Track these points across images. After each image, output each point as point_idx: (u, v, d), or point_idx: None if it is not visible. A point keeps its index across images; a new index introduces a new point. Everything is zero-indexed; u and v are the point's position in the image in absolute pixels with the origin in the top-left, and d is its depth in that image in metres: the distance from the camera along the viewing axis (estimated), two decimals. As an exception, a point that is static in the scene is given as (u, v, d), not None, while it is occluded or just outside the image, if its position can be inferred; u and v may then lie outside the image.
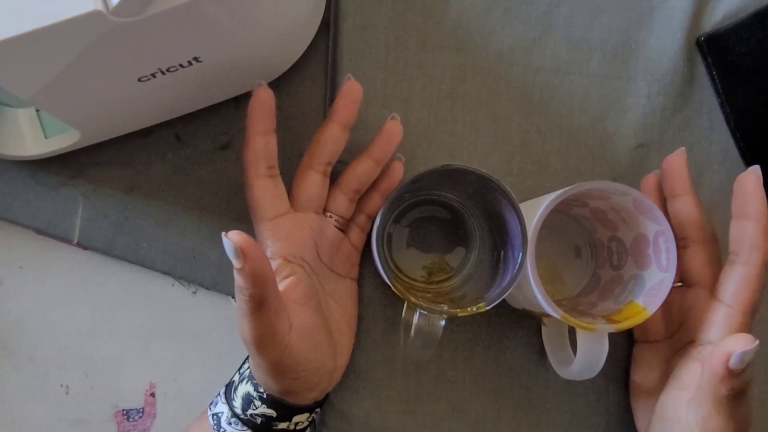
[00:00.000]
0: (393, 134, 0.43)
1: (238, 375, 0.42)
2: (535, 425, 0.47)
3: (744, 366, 0.34)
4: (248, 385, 0.40)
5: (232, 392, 0.41)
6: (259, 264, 0.33)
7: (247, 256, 0.33)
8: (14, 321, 0.48)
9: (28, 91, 0.36)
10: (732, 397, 0.35)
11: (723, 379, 0.35)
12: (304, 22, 0.45)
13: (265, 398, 0.40)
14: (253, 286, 0.34)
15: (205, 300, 0.48)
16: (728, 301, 0.40)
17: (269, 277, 0.34)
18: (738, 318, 0.39)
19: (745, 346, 0.34)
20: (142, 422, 0.48)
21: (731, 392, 0.35)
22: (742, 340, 0.34)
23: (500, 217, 0.41)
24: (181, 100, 0.44)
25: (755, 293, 0.39)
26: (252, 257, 0.33)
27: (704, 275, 0.42)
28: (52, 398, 0.48)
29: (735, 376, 0.34)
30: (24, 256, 0.48)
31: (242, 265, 0.33)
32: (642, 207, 0.40)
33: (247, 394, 0.40)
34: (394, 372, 0.47)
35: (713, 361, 0.35)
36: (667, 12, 0.48)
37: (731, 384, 0.35)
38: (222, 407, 0.41)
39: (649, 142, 0.48)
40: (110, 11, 0.32)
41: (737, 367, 0.34)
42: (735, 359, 0.34)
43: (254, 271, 0.33)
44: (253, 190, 0.40)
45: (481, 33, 0.48)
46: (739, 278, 0.39)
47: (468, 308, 0.39)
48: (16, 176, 0.47)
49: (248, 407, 0.40)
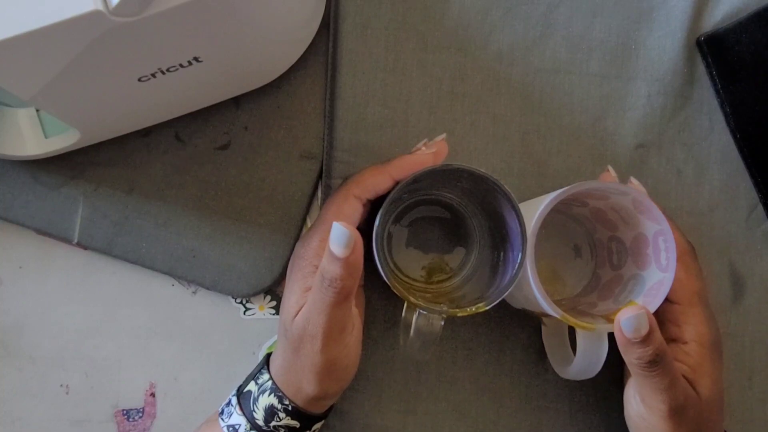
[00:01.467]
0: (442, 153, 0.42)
1: (256, 386, 0.41)
2: (535, 425, 0.47)
3: (639, 333, 0.35)
4: (272, 397, 0.40)
5: (251, 403, 0.41)
6: (361, 256, 0.35)
7: (356, 246, 0.34)
8: (14, 321, 0.48)
9: (28, 91, 0.36)
10: (645, 365, 0.36)
11: (626, 348, 0.36)
12: (304, 22, 0.45)
13: (290, 410, 0.40)
14: (350, 277, 0.35)
15: (205, 300, 0.48)
16: (674, 299, 0.41)
17: (361, 271, 0.35)
18: (688, 312, 0.41)
19: (630, 312, 0.35)
20: (142, 422, 0.48)
21: (640, 361, 0.36)
22: (629, 308, 0.36)
23: (500, 217, 0.41)
24: (181, 100, 0.44)
25: (690, 284, 0.41)
26: (358, 248, 0.34)
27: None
28: (52, 398, 0.48)
29: (637, 345, 0.36)
30: (24, 256, 0.48)
31: (348, 254, 0.34)
32: (641, 207, 0.40)
33: (270, 406, 0.40)
34: (394, 372, 0.47)
35: (615, 333, 0.36)
36: (667, 12, 0.48)
37: (636, 353, 0.36)
38: (238, 419, 0.40)
39: (649, 142, 0.48)
40: (110, 11, 0.32)
41: (632, 335, 0.35)
42: (625, 326, 0.35)
43: (356, 262, 0.34)
44: (344, 204, 0.40)
45: (481, 33, 0.48)
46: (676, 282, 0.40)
47: (468, 308, 0.39)
48: (16, 176, 0.47)
49: (272, 419, 0.40)
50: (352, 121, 0.47)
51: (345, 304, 0.36)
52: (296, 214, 0.48)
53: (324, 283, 0.36)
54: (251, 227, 0.47)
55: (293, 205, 0.47)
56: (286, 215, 0.47)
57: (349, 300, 0.36)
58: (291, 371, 0.40)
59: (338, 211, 0.40)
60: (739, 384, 0.47)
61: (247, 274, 0.47)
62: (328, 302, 0.36)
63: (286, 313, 0.40)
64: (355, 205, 0.41)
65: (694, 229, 0.47)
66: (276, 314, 0.49)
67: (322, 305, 0.36)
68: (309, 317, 0.37)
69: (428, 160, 0.40)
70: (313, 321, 0.37)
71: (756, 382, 0.48)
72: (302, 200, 0.48)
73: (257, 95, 0.47)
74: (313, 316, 0.37)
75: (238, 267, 0.47)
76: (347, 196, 0.41)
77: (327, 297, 0.36)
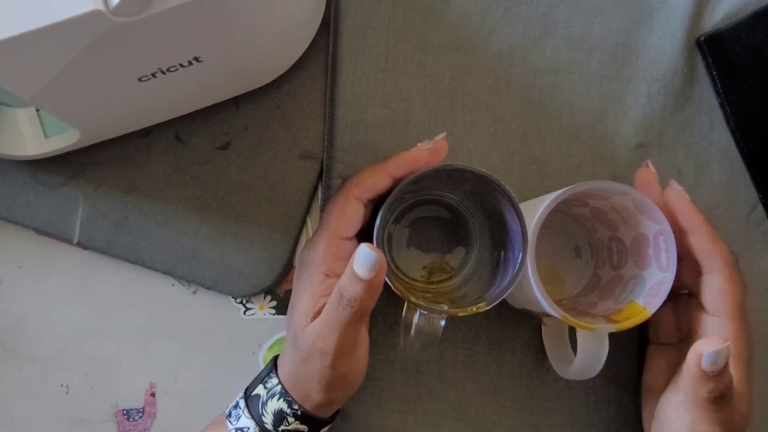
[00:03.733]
0: (440, 151, 0.42)
1: (264, 390, 0.41)
2: (535, 425, 0.47)
3: (717, 367, 0.34)
4: (281, 401, 0.40)
5: (260, 407, 0.40)
6: (383, 279, 0.35)
7: (381, 270, 0.34)
8: (14, 321, 0.48)
9: (28, 91, 0.36)
10: (713, 399, 0.35)
11: (700, 382, 0.35)
12: (304, 22, 0.45)
13: (299, 415, 0.40)
14: (370, 298, 0.35)
15: (205, 300, 0.48)
16: (713, 312, 0.40)
17: (380, 292, 0.36)
18: (728, 326, 0.39)
19: (714, 347, 0.34)
20: (142, 422, 0.48)
21: (710, 395, 0.35)
22: (712, 341, 0.34)
23: (500, 216, 0.41)
24: (181, 100, 0.44)
25: (733, 296, 0.39)
26: (383, 271, 0.34)
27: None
28: (52, 398, 0.48)
29: (711, 379, 0.34)
30: (24, 256, 0.48)
31: (372, 277, 0.34)
32: (642, 207, 0.40)
33: (279, 411, 0.40)
34: (394, 372, 0.47)
35: (688, 363, 0.35)
36: (667, 12, 0.48)
37: (709, 387, 0.35)
38: (247, 422, 0.40)
39: (649, 141, 0.48)
40: (110, 11, 0.32)
41: (710, 368, 0.34)
42: (706, 360, 0.34)
43: (379, 285, 0.35)
44: (346, 206, 0.40)
45: (481, 33, 0.48)
46: (712, 288, 0.40)
47: (468, 308, 0.39)
48: (16, 176, 0.47)
49: (280, 423, 0.40)
50: (352, 121, 0.47)
51: (359, 324, 0.36)
52: (296, 214, 0.48)
53: (342, 302, 0.35)
54: (251, 227, 0.47)
55: (293, 205, 0.47)
56: (286, 215, 0.47)
57: (363, 319, 0.36)
58: (299, 379, 0.40)
59: (341, 215, 0.40)
60: (739, 384, 0.47)
61: (247, 274, 0.47)
62: (343, 321, 0.36)
63: (296, 321, 0.39)
64: (357, 207, 0.40)
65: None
66: (276, 314, 0.49)
67: (337, 323, 0.36)
68: (321, 333, 0.37)
69: (424, 156, 0.40)
70: (325, 337, 0.37)
71: (756, 382, 0.47)
72: (302, 200, 0.48)
73: (257, 95, 0.47)
74: (326, 332, 0.37)
75: (238, 267, 0.47)
76: (348, 198, 0.40)
77: (343, 316, 0.36)
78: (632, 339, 0.47)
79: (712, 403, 0.35)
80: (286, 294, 0.49)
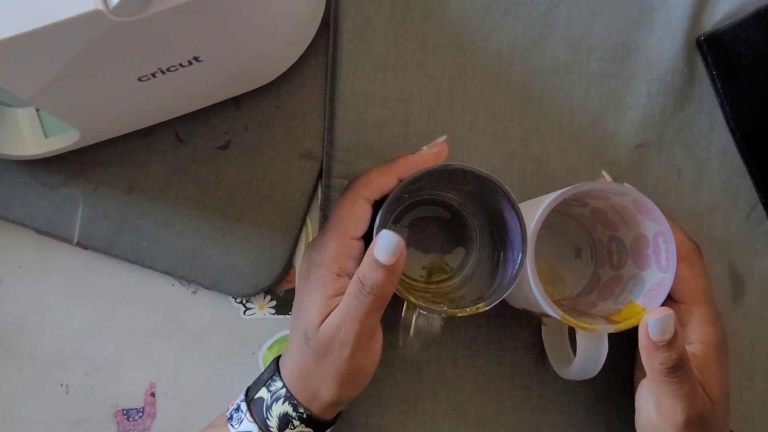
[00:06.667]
0: (442, 154, 0.42)
1: (268, 393, 0.41)
2: (535, 425, 0.47)
3: (666, 336, 0.35)
4: (286, 405, 0.40)
5: (264, 411, 0.40)
6: (403, 263, 0.36)
7: (402, 255, 0.35)
8: (14, 321, 0.48)
9: (28, 91, 0.36)
10: (668, 371, 0.36)
11: (652, 353, 0.36)
12: (304, 22, 0.45)
13: (305, 418, 0.40)
14: (392, 284, 0.36)
15: (205, 300, 0.48)
16: (678, 299, 0.41)
17: (399, 278, 0.36)
18: (693, 312, 0.41)
19: (658, 315, 0.35)
20: (142, 422, 0.48)
21: (664, 366, 0.36)
22: (657, 311, 0.36)
23: (500, 217, 0.41)
24: (181, 100, 0.44)
25: (695, 283, 0.41)
26: (404, 255, 0.35)
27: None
28: (52, 398, 0.48)
29: (662, 348, 0.36)
30: (24, 256, 0.48)
31: (395, 262, 0.35)
32: (642, 207, 0.40)
33: (284, 414, 0.40)
34: (394, 372, 0.47)
35: (639, 337, 0.36)
36: (667, 12, 0.48)
37: (661, 357, 0.36)
38: (250, 425, 0.40)
39: (648, 141, 0.48)
40: (110, 10, 0.32)
41: (658, 338, 0.35)
42: (653, 329, 0.35)
43: (399, 270, 0.36)
44: (354, 206, 0.40)
45: (481, 33, 0.48)
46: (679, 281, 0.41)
47: (467, 308, 0.39)
48: (16, 176, 0.47)
49: (286, 427, 0.40)
50: (352, 121, 0.47)
51: (379, 312, 0.37)
52: (296, 213, 0.48)
53: (364, 290, 0.36)
54: (251, 227, 0.47)
55: (293, 204, 0.47)
56: (286, 215, 0.47)
57: (383, 308, 0.37)
58: (308, 378, 0.40)
59: (350, 214, 0.40)
60: (739, 384, 0.47)
61: (247, 274, 0.47)
62: (364, 309, 0.37)
63: (308, 322, 0.39)
64: (365, 207, 0.41)
65: (694, 229, 0.47)
66: (276, 314, 0.49)
67: (357, 312, 0.37)
68: (340, 324, 0.38)
69: (431, 159, 0.41)
70: (346, 328, 0.37)
71: (756, 382, 0.48)
72: (302, 200, 0.48)
73: (257, 95, 0.47)
74: (346, 322, 0.37)
75: (238, 267, 0.47)
76: (356, 198, 0.41)
77: (364, 304, 0.36)
78: (632, 339, 0.47)
79: (668, 374, 0.36)
80: (286, 294, 0.49)
